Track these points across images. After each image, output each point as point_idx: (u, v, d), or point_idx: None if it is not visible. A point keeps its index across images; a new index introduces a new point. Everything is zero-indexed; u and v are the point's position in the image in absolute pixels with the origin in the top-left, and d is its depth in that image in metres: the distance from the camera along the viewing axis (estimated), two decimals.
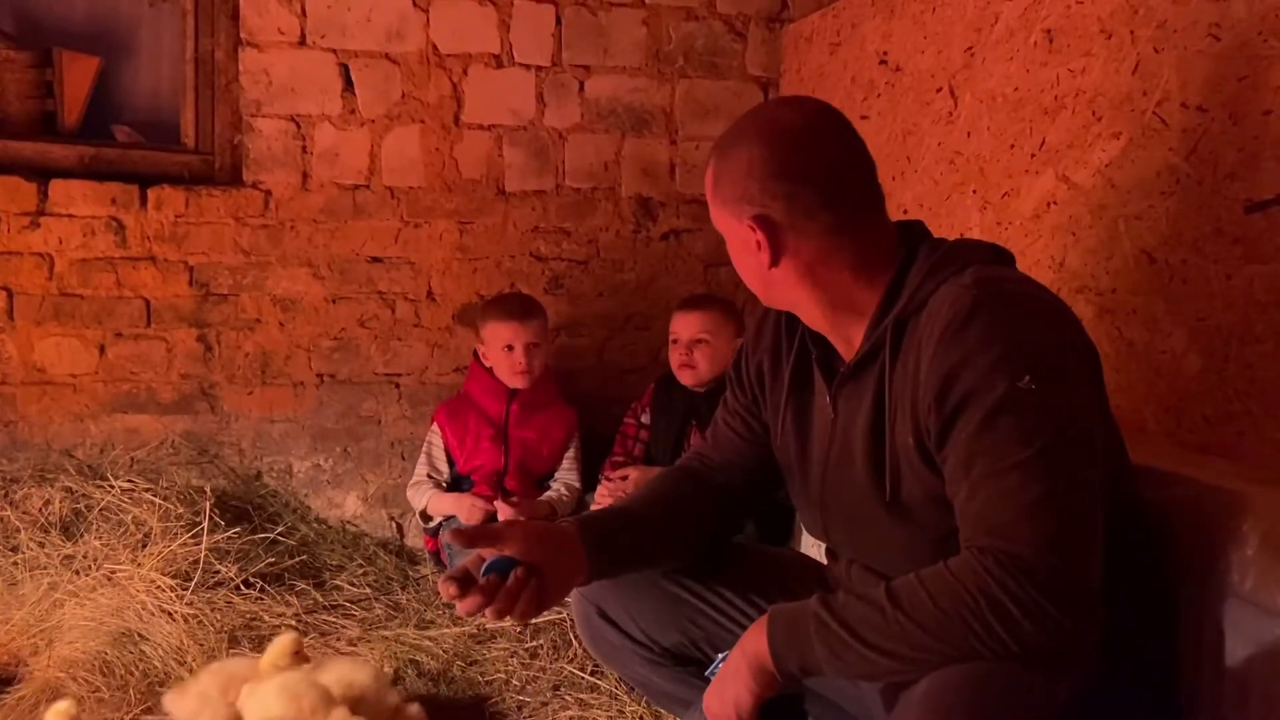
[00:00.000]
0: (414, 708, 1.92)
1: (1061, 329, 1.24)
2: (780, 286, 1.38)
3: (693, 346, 2.78)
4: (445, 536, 2.77)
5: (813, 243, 1.33)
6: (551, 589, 1.39)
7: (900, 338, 1.29)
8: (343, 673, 1.93)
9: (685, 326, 2.80)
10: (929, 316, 1.25)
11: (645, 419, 2.96)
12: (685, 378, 2.81)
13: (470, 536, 1.41)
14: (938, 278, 1.28)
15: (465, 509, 2.72)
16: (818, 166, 1.32)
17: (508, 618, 1.34)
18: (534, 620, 2.22)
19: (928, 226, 1.40)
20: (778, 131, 1.34)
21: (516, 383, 2.82)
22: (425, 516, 2.86)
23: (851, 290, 1.34)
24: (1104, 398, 1.30)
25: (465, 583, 1.34)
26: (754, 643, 1.27)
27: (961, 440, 1.18)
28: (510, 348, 2.79)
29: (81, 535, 2.58)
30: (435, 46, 2.99)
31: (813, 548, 2.18)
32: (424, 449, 2.92)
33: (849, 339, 1.38)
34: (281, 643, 1.91)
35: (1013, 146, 2.13)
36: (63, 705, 1.72)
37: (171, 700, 1.89)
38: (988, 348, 1.18)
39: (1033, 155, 2.07)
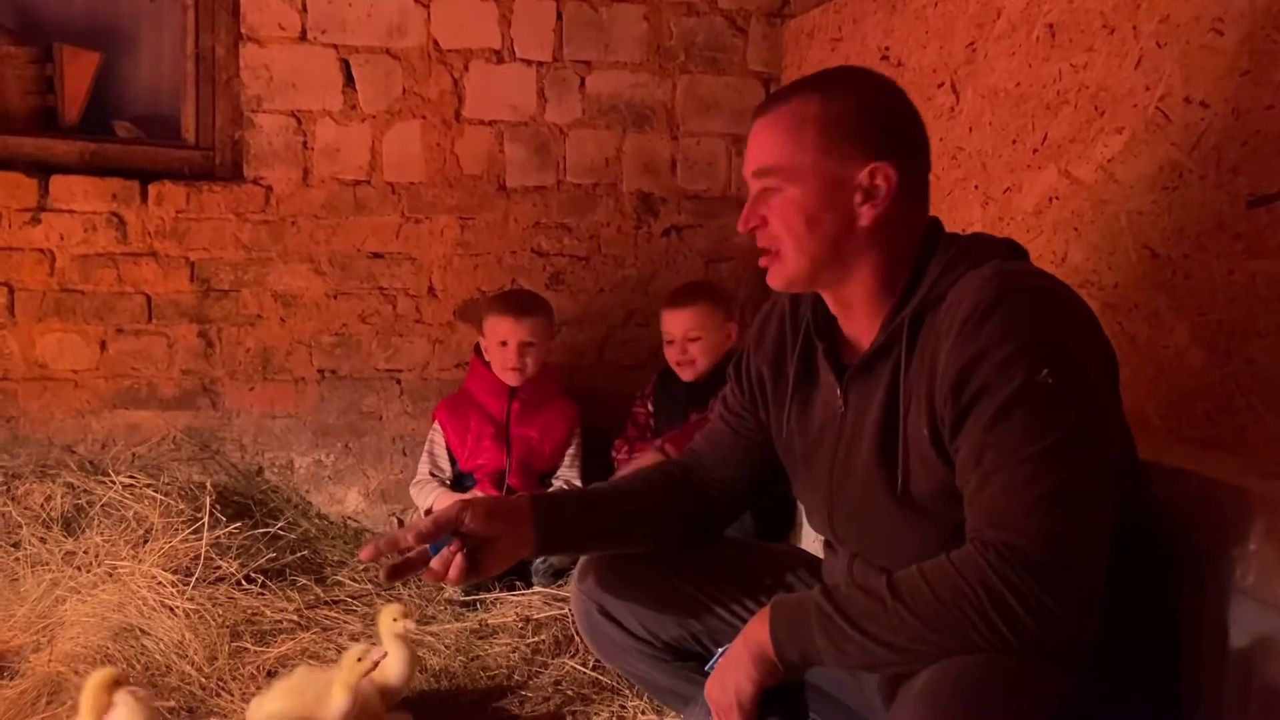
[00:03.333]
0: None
1: (1081, 326, 1.24)
2: (852, 248, 1.33)
3: (687, 344, 2.79)
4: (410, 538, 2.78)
5: (902, 205, 1.32)
6: (494, 559, 1.48)
7: (917, 331, 1.29)
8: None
9: (677, 324, 2.80)
10: (948, 309, 1.24)
11: (652, 407, 2.97)
12: (685, 374, 2.82)
13: (433, 531, 1.46)
14: (956, 271, 1.27)
15: None
16: (921, 128, 1.36)
17: (442, 582, 1.47)
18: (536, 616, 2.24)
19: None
20: (890, 87, 1.35)
21: (508, 379, 2.82)
22: (429, 515, 2.86)
23: (898, 266, 1.34)
24: (1118, 396, 1.29)
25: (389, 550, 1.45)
26: (756, 632, 1.28)
27: (975, 431, 1.18)
28: (504, 343, 2.79)
29: (83, 531, 2.59)
30: (436, 42, 2.99)
31: (813, 542, 2.18)
32: (426, 446, 2.92)
33: (868, 328, 1.37)
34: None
35: (1015, 142, 2.12)
36: (105, 672, 1.71)
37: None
38: (1007, 340, 1.17)
39: (1035, 151, 2.06)
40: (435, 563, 1.44)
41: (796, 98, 1.33)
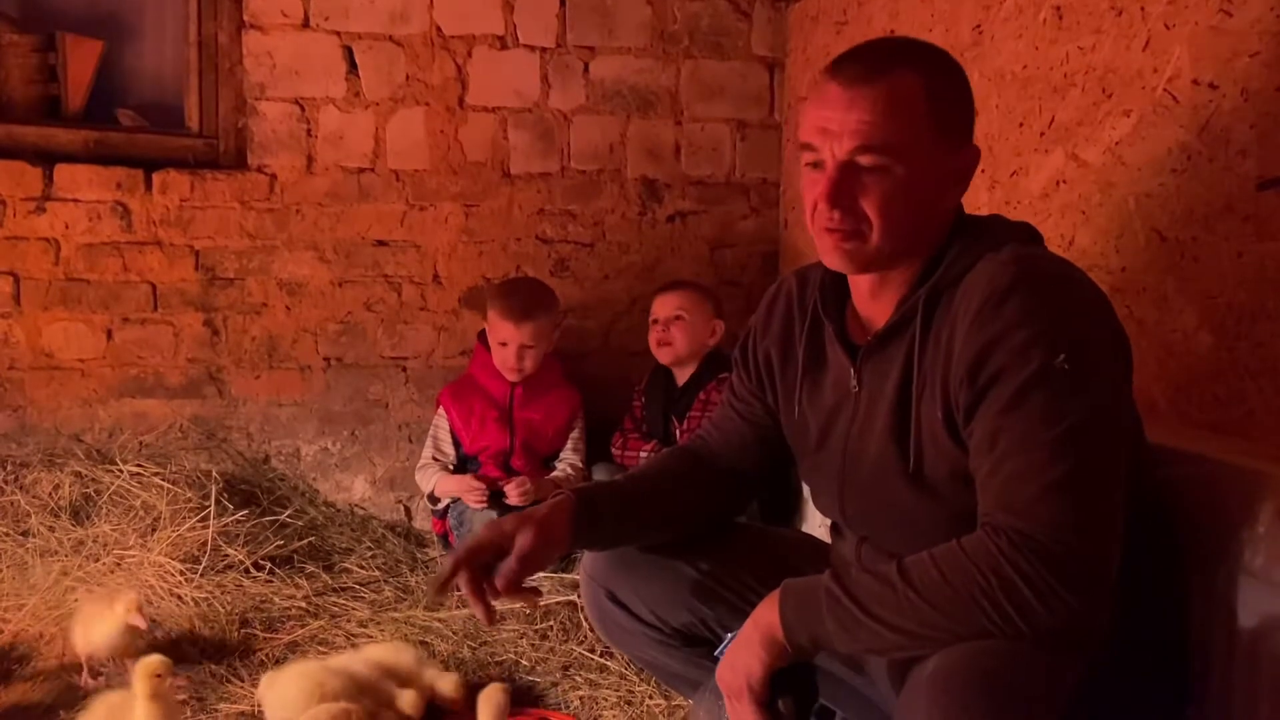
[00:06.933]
0: (449, 678, 1.95)
1: (1098, 311, 1.24)
2: (931, 229, 1.31)
3: (670, 324, 2.83)
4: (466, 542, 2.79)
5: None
6: (533, 568, 1.47)
7: (932, 311, 1.29)
8: (382, 654, 1.96)
9: (662, 306, 2.87)
10: (964, 292, 1.24)
11: (644, 400, 2.98)
12: (664, 356, 2.87)
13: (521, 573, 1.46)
14: (973, 253, 1.27)
15: (465, 489, 2.73)
16: None
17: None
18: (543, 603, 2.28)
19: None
20: (959, 64, 1.33)
21: (508, 375, 2.84)
22: (433, 499, 2.88)
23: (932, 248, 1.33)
24: (1130, 383, 1.29)
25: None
26: (766, 614, 1.28)
27: (990, 414, 1.18)
28: (504, 344, 2.80)
29: (91, 520, 2.59)
30: (439, 28, 2.98)
31: (818, 527, 2.18)
32: (430, 432, 2.93)
33: (886, 306, 1.35)
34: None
35: (1021, 125, 2.11)
36: (154, 659, 1.72)
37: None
38: (1024, 324, 1.17)
39: (1042, 134, 2.06)
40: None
41: (895, 73, 1.24)
